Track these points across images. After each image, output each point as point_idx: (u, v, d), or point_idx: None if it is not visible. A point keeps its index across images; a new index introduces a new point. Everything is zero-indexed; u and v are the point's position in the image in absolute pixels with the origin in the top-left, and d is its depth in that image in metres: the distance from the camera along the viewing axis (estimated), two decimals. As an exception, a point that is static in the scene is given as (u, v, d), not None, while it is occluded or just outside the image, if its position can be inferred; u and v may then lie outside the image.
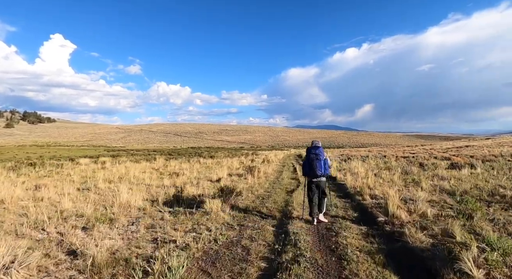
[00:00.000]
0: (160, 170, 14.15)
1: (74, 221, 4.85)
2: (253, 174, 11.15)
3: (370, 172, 11.19)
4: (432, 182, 8.53)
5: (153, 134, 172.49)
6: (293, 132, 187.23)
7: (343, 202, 6.70)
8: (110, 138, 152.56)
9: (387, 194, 6.70)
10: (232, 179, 10.46)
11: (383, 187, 7.73)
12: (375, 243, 3.82)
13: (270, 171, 12.78)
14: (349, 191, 7.81)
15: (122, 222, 4.93)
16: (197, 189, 8.25)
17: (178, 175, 11.60)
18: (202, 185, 8.97)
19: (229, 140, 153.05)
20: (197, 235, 4.09)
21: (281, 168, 15.34)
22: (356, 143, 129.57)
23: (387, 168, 12.40)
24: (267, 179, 10.76)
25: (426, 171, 10.88)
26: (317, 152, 4.82)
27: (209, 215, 5.17)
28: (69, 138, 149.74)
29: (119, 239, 3.99)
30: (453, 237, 3.63)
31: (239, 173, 12.18)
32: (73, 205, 5.87)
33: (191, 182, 9.44)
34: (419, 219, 4.53)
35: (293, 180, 10.52)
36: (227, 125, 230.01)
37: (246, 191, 7.83)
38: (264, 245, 3.86)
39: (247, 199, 6.96)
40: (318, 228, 4.58)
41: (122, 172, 12.80)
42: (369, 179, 8.65)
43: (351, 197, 7.07)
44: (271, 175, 12.10)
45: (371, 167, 13.03)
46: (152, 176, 11.63)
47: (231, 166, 15.52)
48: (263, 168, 13.59)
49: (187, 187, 7.93)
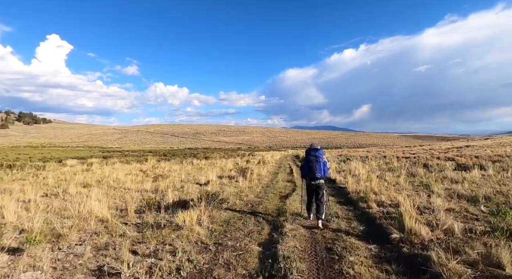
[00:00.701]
0: (148, 171, 13.11)
1: (9, 239, 3.83)
2: (245, 176, 10.16)
3: (372, 174, 10.25)
4: (442, 185, 7.61)
5: (150, 135, 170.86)
6: (291, 133, 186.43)
7: (345, 210, 5.72)
8: (106, 139, 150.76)
9: (396, 200, 5.77)
10: (221, 182, 9.46)
11: (389, 191, 6.80)
12: (392, 273, 2.83)
13: (264, 173, 11.79)
14: (351, 196, 6.84)
15: (70, 239, 3.91)
16: (181, 194, 7.25)
17: (164, 177, 10.57)
18: (187, 189, 7.95)
19: (226, 141, 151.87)
20: (156, 262, 3.07)
21: (276, 169, 14.36)
22: (354, 144, 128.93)
23: (389, 169, 11.47)
24: (260, 181, 9.77)
25: (432, 173, 9.95)
26: (316, 154, 4.73)
27: (181, 230, 4.16)
28: (65, 139, 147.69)
29: (50, 268, 2.96)
30: (500, 267, 2.66)
31: (230, 175, 11.19)
32: (20, 215, 4.83)
33: (174, 186, 8.43)
34: (444, 237, 3.55)
35: (288, 183, 9.53)
36: (225, 126, 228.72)
37: (233, 197, 6.83)
38: (244, 276, 2.87)
39: (233, 207, 5.96)
40: (316, 249, 3.59)
41: (105, 174, 11.76)
42: (372, 182, 7.68)
43: (354, 204, 6.10)
44: (265, 177, 11.11)
45: (372, 168, 12.09)
46: (137, 178, 10.60)
47: (224, 167, 14.51)
48: (257, 169, 12.60)
49: (168, 192, 6.91)
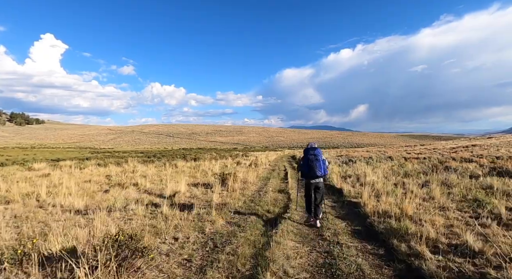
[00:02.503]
0: (113, 177, 10.82)
1: None
2: (226, 185, 7.97)
3: (387, 181, 8.11)
4: (507, 201, 5.15)
5: (145, 135, 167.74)
6: (288, 133, 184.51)
7: (372, 258, 3.33)
8: (99, 140, 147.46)
9: (457, 237, 3.37)
10: (193, 193, 7.25)
11: (432, 215, 4.40)
12: None
13: (252, 179, 9.60)
14: (372, 221, 4.44)
15: None
16: (120, 215, 5.05)
17: (122, 187, 8.34)
18: (131, 210, 5.48)
19: (222, 141, 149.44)
20: None
21: (269, 173, 12.17)
22: (351, 143, 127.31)
23: (406, 175, 9.35)
24: (244, 191, 7.57)
25: (465, 178, 7.85)
26: (315, 152, 4.69)
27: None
28: (57, 140, 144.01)
29: None
30: None
31: (209, 181, 8.97)
32: None
33: (122, 203, 6.19)
34: None
35: (280, 195, 7.33)
36: (221, 126, 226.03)
37: (186, 229, 4.34)
38: None
39: (183, 249, 3.66)
40: None
41: (60, 182, 9.47)
42: (397, 196, 5.50)
43: (385, 243, 3.72)
44: (253, 184, 8.91)
45: (384, 172, 9.96)
46: (90, 188, 8.33)
47: (209, 171, 12.32)
48: (245, 173, 10.41)
49: (101, 214, 4.66)
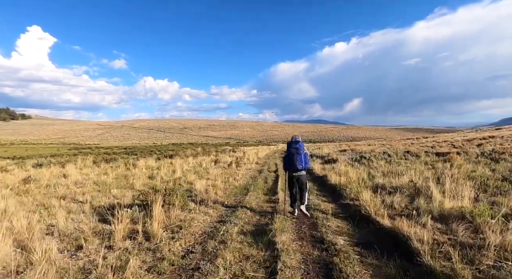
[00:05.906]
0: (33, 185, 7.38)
1: None
2: (151, 213, 4.67)
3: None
4: None
5: (135, 130, 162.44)
6: (282, 127, 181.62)
7: None
8: (85, 135, 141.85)
9: None
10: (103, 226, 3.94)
11: None
12: None
13: (220, 191, 6.31)
14: None
15: None
16: None
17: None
18: None
19: (215, 135, 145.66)
20: None
21: (252, 178, 8.92)
22: (346, 137, 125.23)
23: (435, 177, 6.21)
24: (172, 245, 4.30)
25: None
26: (297, 146, 4.73)
27: None
28: (40, 136, 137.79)
29: None
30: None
31: (128, 203, 5.64)
32: None
33: None
34: None
35: (256, 247, 4.06)
36: (214, 121, 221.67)
37: None
38: None
39: None
40: None
41: None
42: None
43: None
44: (213, 207, 5.48)
45: (421, 174, 6.75)
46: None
47: (174, 173, 9.02)
48: (211, 181, 7.13)
49: None
